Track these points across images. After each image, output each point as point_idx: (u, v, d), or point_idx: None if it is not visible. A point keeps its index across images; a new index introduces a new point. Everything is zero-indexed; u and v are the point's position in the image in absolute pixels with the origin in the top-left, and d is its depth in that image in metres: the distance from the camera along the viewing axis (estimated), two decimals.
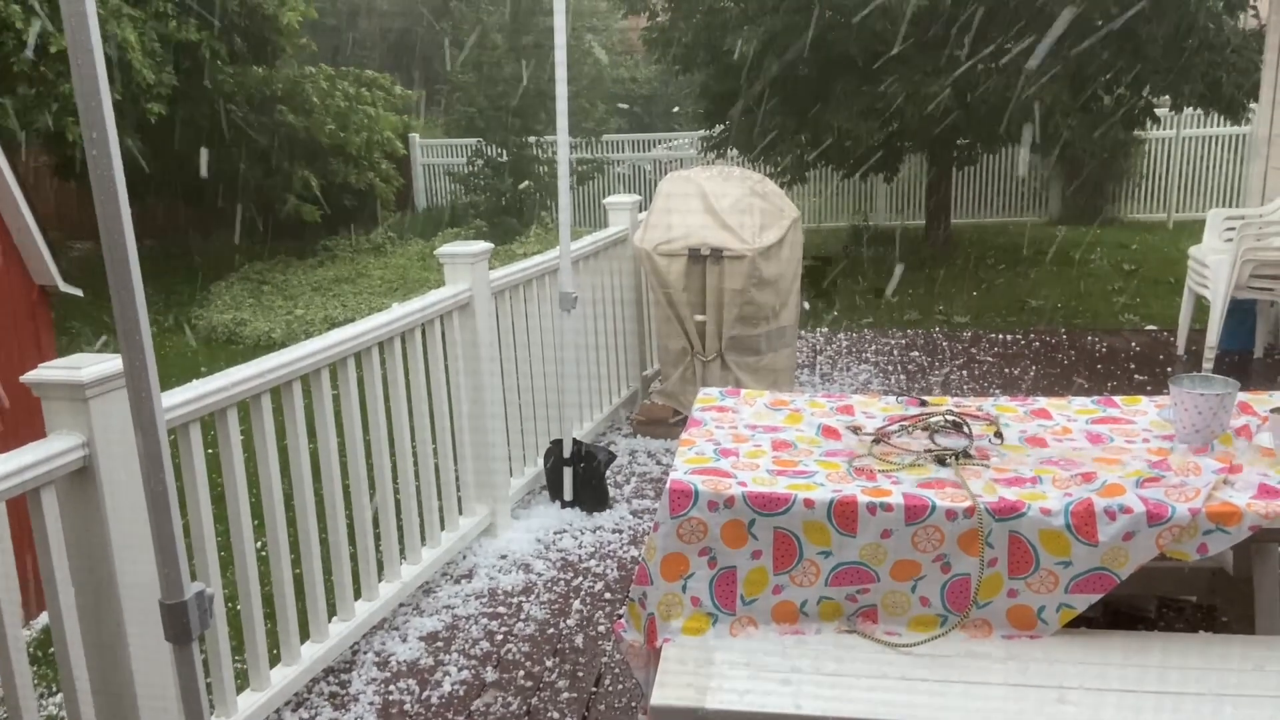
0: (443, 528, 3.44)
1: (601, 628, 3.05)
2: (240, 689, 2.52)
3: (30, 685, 1.90)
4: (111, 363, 1.97)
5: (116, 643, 2.05)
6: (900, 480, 2.11)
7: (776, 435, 2.40)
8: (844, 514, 2.00)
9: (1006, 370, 5.76)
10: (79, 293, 3.85)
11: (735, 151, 8.25)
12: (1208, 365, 5.22)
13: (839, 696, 1.82)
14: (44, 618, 3.28)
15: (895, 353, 6.29)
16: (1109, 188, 10.42)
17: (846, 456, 2.26)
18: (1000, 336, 6.53)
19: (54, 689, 2.95)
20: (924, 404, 2.62)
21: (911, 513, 1.99)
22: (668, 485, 2.07)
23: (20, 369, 1.97)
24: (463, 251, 3.47)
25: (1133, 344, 6.12)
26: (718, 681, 1.86)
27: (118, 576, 2.02)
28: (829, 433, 2.42)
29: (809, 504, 2.01)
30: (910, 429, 2.40)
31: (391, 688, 2.74)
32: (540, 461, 4.04)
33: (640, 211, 5.11)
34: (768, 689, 1.85)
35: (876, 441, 2.34)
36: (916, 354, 6.24)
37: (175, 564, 1.40)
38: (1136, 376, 5.43)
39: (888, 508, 1.99)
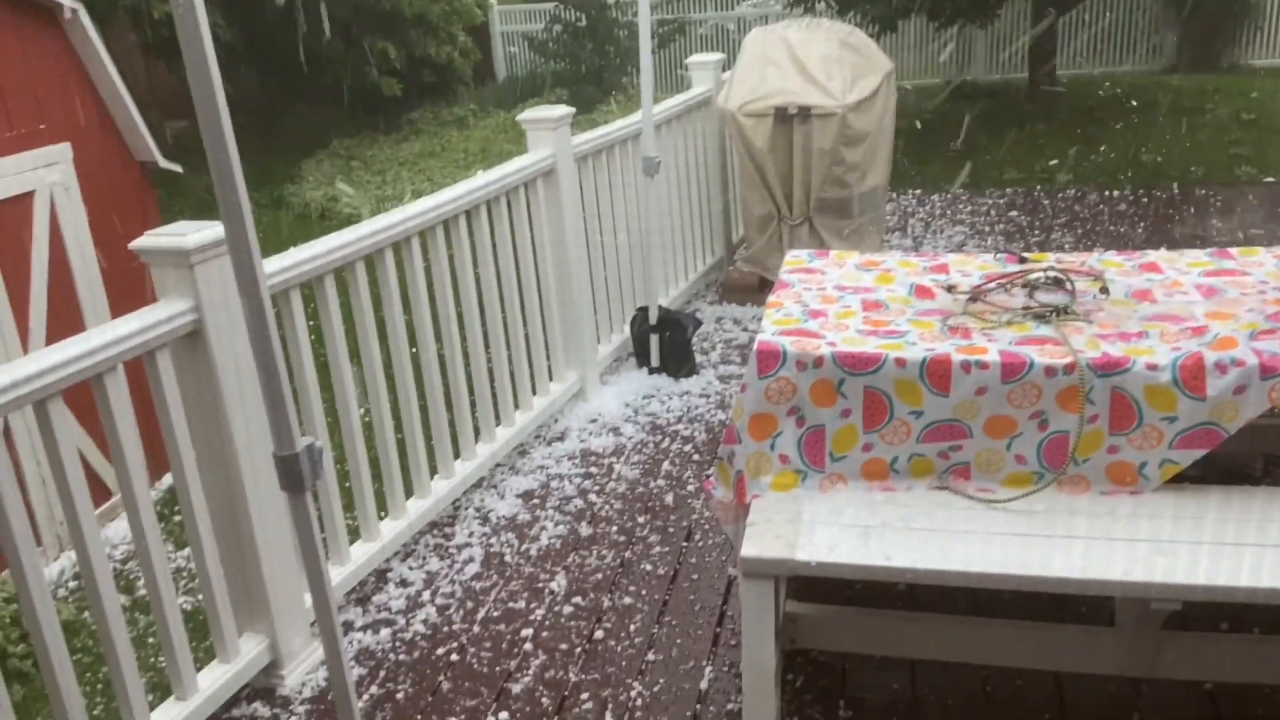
0: (534, 392, 3.51)
1: (690, 487, 3.12)
2: (352, 541, 2.67)
3: (159, 540, 2.05)
4: (214, 229, 2.03)
5: (235, 497, 2.19)
6: (997, 338, 2.06)
7: (867, 296, 2.35)
8: (937, 372, 1.97)
9: (1113, 229, 5.50)
10: (178, 168, 3.95)
11: (822, 4, 7.83)
12: None
13: (929, 550, 1.83)
14: (168, 479, 3.51)
15: (992, 213, 6.05)
16: (1228, 31, 9.59)
17: (940, 315, 2.20)
18: (1107, 193, 6.21)
19: (182, 544, 3.18)
20: (1024, 261, 2.53)
21: (1008, 370, 1.94)
22: (755, 346, 2.06)
23: (127, 242, 2.04)
24: (545, 116, 3.42)
25: (1249, 197, 5.75)
26: (806, 535, 1.89)
27: (233, 434, 2.13)
28: (922, 292, 2.36)
29: (900, 363, 1.98)
30: (1009, 286, 2.33)
31: (492, 540, 2.88)
32: (626, 329, 4.06)
33: (724, 71, 4.93)
34: (856, 543, 1.87)
35: (973, 300, 2.27)
36: (1016, 214, 6.00)
37: (285, 418, 1.46)
38: (1253, 231, 5.12)
39: (983, 365, 1.95)
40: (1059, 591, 1.75)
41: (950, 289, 2.36)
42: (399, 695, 2.28)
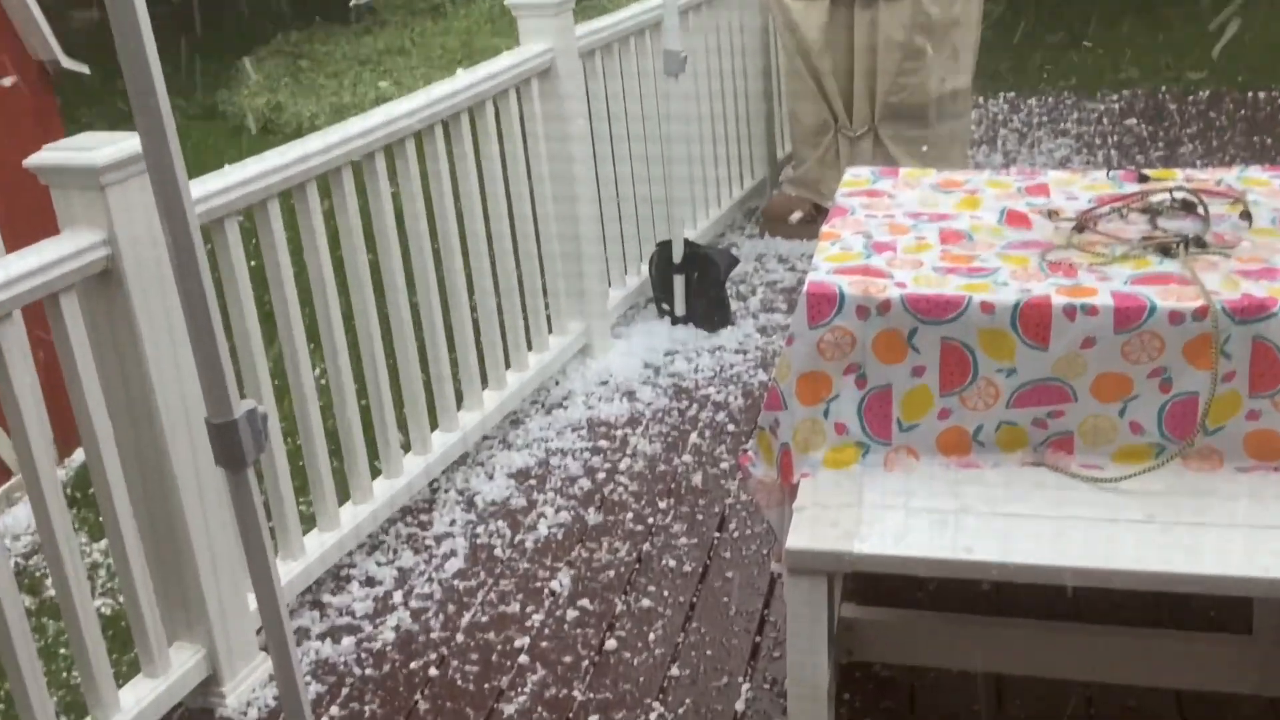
0: (530, 348, 3.53)
1: (724, 464, 3.13)
2: (306, 531, 2.70)
3: (70, 529, 2.08)
4: (129, 142, 2.03)
5: (163, 476, 2.21)
6: (1110, 276, 2.04)
7: (946, 224, 2.34)
8: (1033, 320, 1.96)
9: (1257, 139, 5.42)
10: (85, 69, 3.94)
11: None
12: None
13: (1020, 541, 1.83)
14: (80, 455, 3.55)
15: (1105, 121, 5.98)
16: None
17: (1039, 249, 2.19)
18: (1250, 96, 6.11)
19: (98, 534, 3.22)
20: (1144, 179, 2.50)
21: (1123, 316, 1.93)
22: (805, 288, 2.05)
23: (23, 159, 2.04)
24: (542, 0, 3.39)
25: None
26: (869, 522, 1.90)
27: (158, 398, 2.15)
28: (1016, 219, 2.34)
29: (987, 308, 1.97)
30: (1125, 211, 2.31)
31: (479, 530, 2.91)
32: (645, 269, 4.07)
33: None
34: (931, 531, 1.87)
35: (1080, 229, 2.26)
36: (1134, 121, 5.92)
37: (221, 377, 1.47)
38: None
39: (1091, 310, 1.94)
40: (1183, 592, 1.75)
41: (1051, 215, 2.35)
42: (365, 717, 2.32)
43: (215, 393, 1.49)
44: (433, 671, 2.43)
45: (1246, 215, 2.25)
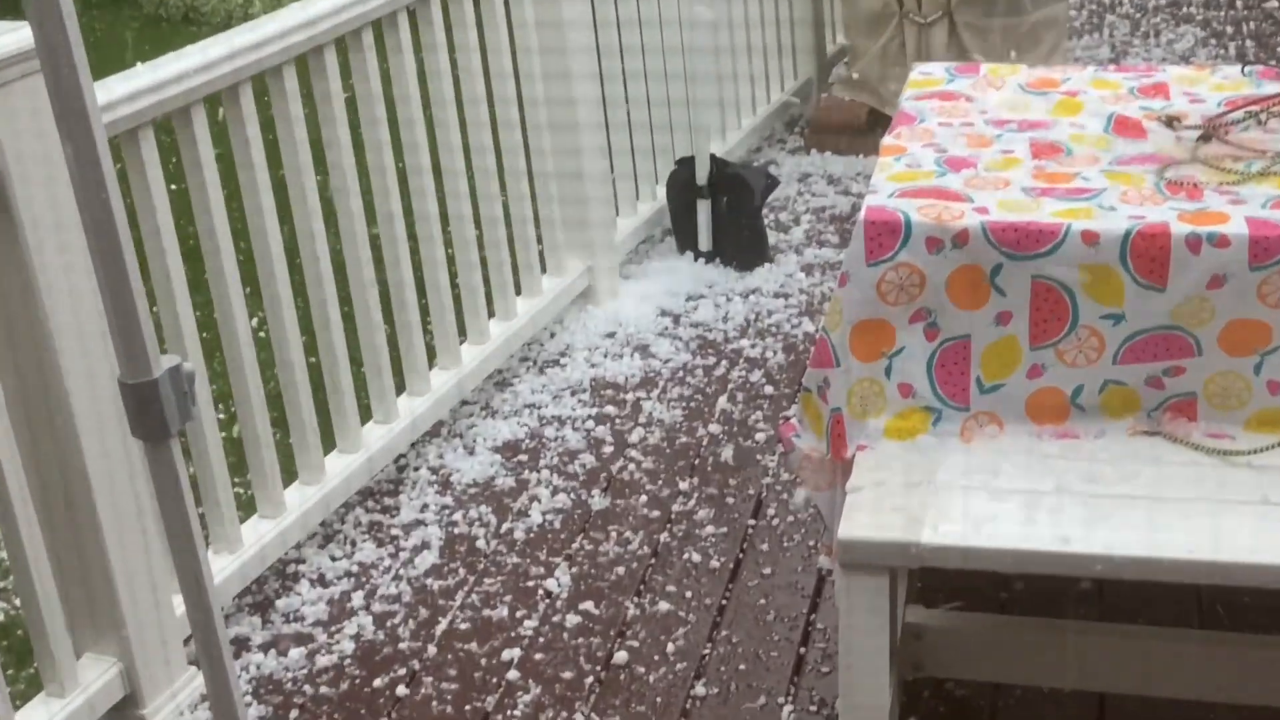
0: (518, 293, 3.53)
1: (760, 435, 3.14)
2: (244, 518, 2.72)
3: None
4: (17, 34, 2.01)
5: (66, 451, 2.22)
6: (1244, 198, 2.03)
7: (1039, 134, 2.33)
8: (1148, 253, 1.95)
9: None
10: None
11: None
12: None
13: (1131, 529, 1.83)
14: None
15: (1239, 5, 5.91)
16: None
17: (1155, 164, 2.18)
18: None
19: None
20: None
21: (1260, 248, 1.92)
22: (862, 215, 2.05)
23: None
24: None
25: None
26: (941, 506, 1.90)
27: (58, 352, 2.16)
28: (1125, 127, 2.33)
29: (1090, 238, 1.96)
30: (1264, 117, 2.29)
31: (457, 517, 2.92)
32: (661, 194, 4.06)
33: None
34: (1018, 517, 1.87)
35: (1205, 138, 2.25)
36: (1277, 4, 5.85)
37: (136, 327, 1.47)
38: None
39: (1221, 241, 1.92)
40: None
41: (1171, 122, 2.33)
42: None
43: (130, 347, 1.49)
44: (401, 690, 2.45)
45: None
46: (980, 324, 2.04)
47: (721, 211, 3.90)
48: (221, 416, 2.75)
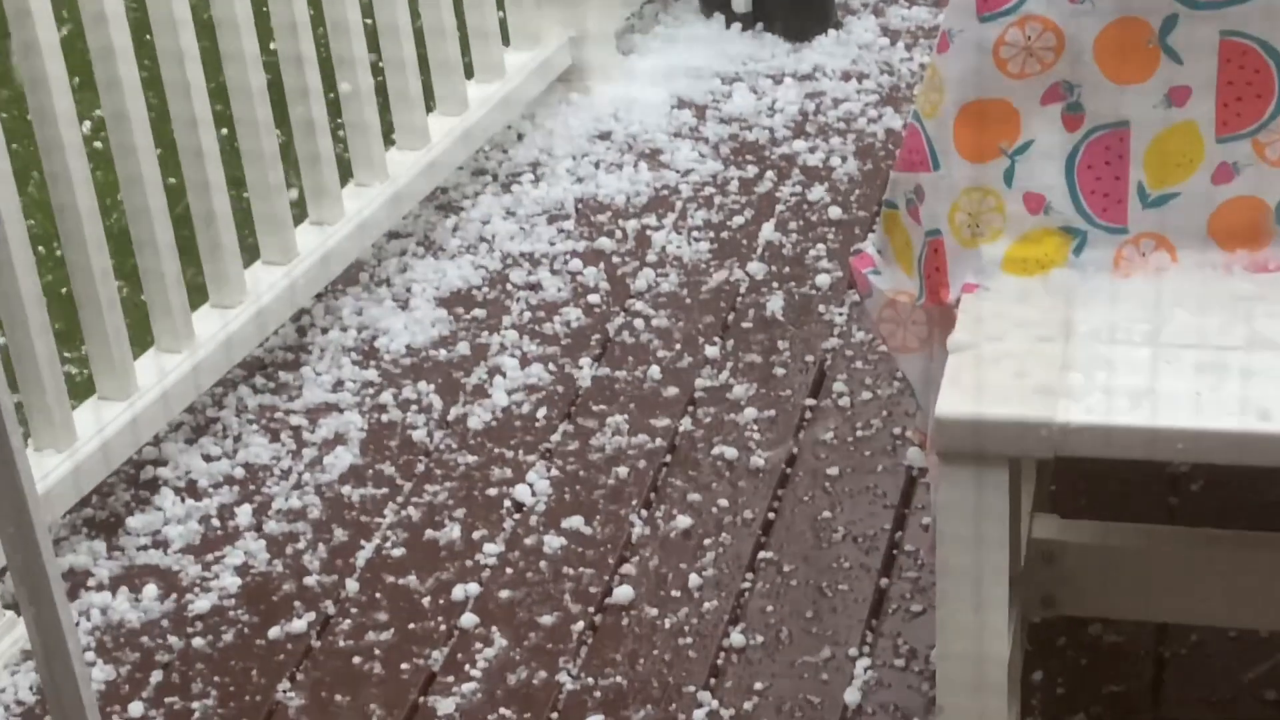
0: (470, 75, 3.53)
1: (822, 278, 3.14)
2: (79, 402, 2.73)
3: None
4: None
5: None
6: None
7: None
8: None
9: None
10: None
11: None
12: None
13: None
14: None
15: None
16: None
17: None
18: None
19: None
20: None
21: None
22: None
23: None
24: None
25: None
26: (1086, 369, 1.89)
27: None
28: None
29: None
30: None
31: (385, 398, 2.93)
32: None
33: None
34: (1198, 383, 1.86)
35: None
36: None
37: None
38: None
39: None
40: None
41: None
42: (193, 717, 2.37)
43: None
44: (314, 643, 2.47)
45: None
46: (1142, 105, 2.02)
47: None
48: (44, 262, 2.72)
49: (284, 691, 2.39)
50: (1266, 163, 2.01)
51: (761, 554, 2.55)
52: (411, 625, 2.48)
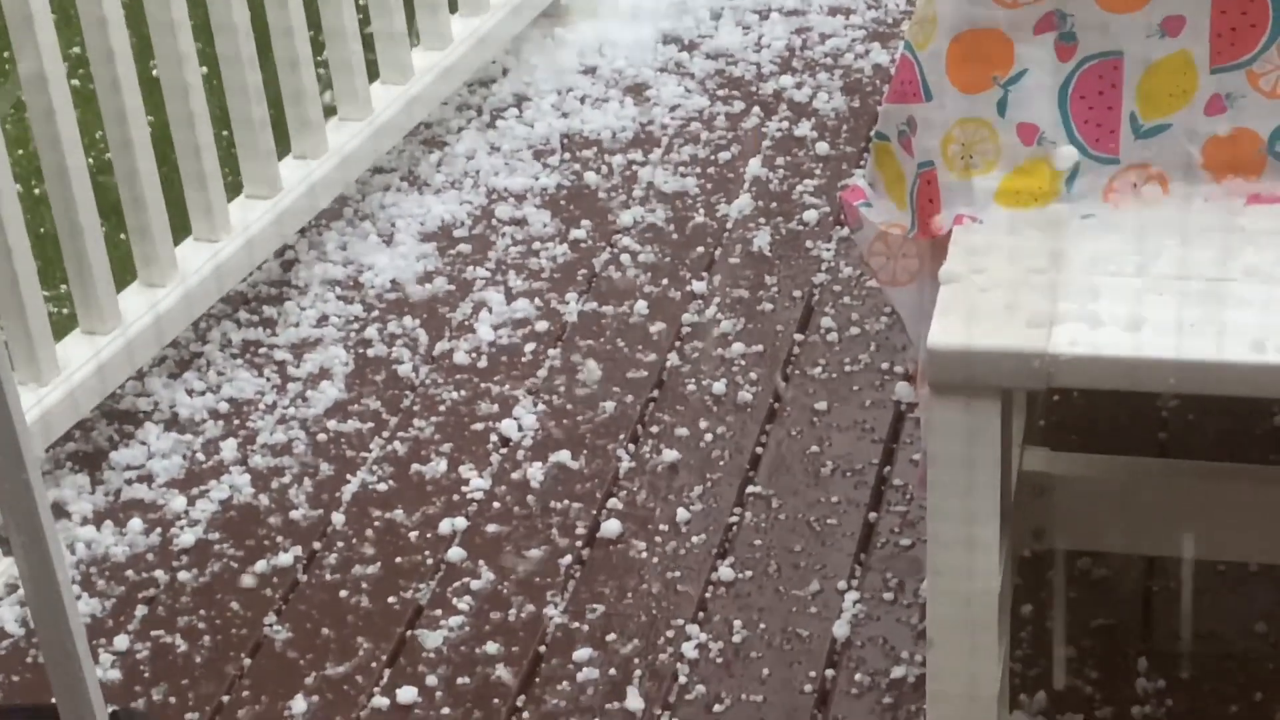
0: (454, 9, 3.52)
1: (810, 213, 3.14)
2: (63, 335, 2.72)
3: None
4: None
5: None
6: None
7: None
8: None
9: None
10: None
11: None
12: None
13: None
14: None
15: None
16: None
17: None
18: None
19: None
20: None
21: None
22: None
23: None
24: None
25: None
26: (1077, 299, 1.88)
27: None
28: None
29: None
30: None
31: (370, 333, 2.94)
32: None
33: None
34: (1188, 314, 1.86)
35: None
36: None
37: None
38: None
39: None
40: None
41: None
42: (180, 653, 2.35)
43: None
44: (301, 577, 2.47)
45: None
46: (1135, 34, 2.01)
47: None
48: (26, 198, 2.71)
49: (270, 625, 2.40)
50: (1260, 94, 2.00)
51: (749, 488, 2.55)
52: (398, 559, 2.49)
